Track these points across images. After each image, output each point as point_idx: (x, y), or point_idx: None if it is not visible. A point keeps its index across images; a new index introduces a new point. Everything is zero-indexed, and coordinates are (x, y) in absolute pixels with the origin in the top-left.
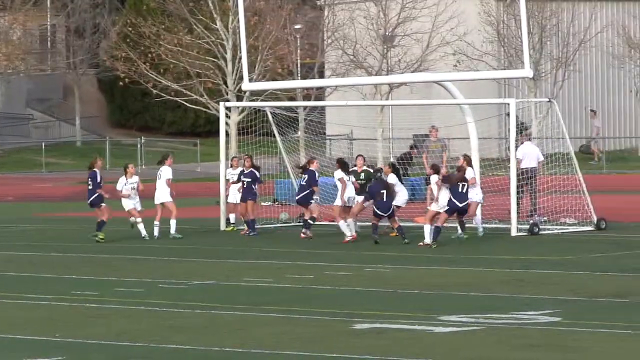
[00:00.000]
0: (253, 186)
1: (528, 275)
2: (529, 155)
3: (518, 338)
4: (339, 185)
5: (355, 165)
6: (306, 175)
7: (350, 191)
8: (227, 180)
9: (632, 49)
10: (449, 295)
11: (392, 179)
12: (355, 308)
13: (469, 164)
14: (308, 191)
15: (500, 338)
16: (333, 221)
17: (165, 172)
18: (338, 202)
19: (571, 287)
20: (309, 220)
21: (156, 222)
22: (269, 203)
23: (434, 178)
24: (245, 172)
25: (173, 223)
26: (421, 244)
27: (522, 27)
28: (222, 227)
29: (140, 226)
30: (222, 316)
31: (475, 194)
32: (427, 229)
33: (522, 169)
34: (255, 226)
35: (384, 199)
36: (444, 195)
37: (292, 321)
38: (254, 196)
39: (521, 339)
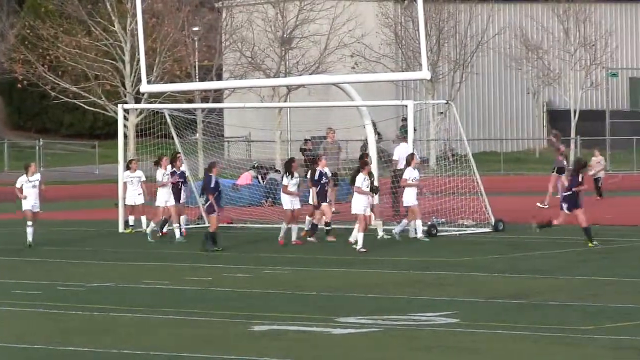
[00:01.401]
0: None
1: (426, 276)
2: (404, 156)
3: (415, 339)
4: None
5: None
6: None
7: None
8: (124, 183)
9: (529, 51)
10: (347, 296)
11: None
12: (253, 310)
13: (409, 163)
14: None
15: (398, 340)
16: (230, 223)
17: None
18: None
19: (469, 289)
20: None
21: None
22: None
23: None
24: (178, 172)
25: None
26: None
27: (420, 29)
28: (121, 229)
29: (29, 230)
30: (121, 318)
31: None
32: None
33: (399, 170)
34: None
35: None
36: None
37: (190, 323)
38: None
39: (418, 340)
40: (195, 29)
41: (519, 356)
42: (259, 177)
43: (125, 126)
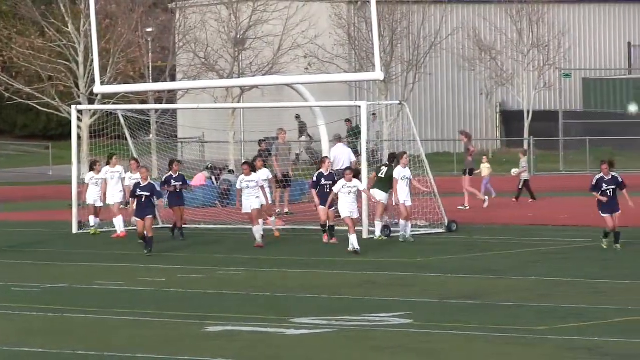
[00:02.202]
0: (152, 200)
1: (380, 277)
2: (340, 157)
3: (369, 340)
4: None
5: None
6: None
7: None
8: (85, 183)
9: (482, 51)
10: (301, 297)
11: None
12: (207, 310)
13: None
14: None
15: (352, 340)
16: (184, 224)
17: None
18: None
19: (422, 289)
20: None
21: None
22: (122, 206)
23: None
24: (143, 184)
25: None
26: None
27: (373, 30)
28: (75, 230)
29: None
30: (75, 319)
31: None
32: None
33: (335, 170)
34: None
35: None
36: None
37: (144, 324)
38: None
39: (372, 341)
40: (149, 30)
41: (473, 356)
42: (213, 178)
43: (78, 127)
